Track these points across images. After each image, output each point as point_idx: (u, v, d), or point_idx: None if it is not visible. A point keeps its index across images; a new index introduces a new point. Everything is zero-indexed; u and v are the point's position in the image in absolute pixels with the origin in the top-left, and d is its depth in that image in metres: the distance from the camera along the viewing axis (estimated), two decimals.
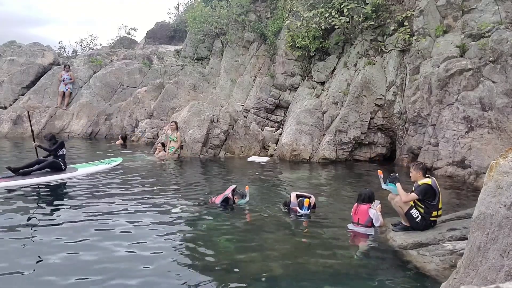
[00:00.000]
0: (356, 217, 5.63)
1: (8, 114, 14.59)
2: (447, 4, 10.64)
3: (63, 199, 6.66)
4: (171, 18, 24.48)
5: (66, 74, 15.32)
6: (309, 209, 6.03)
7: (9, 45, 17.75)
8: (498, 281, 2.55)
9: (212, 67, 16.95)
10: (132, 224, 5.42)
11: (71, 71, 15.61)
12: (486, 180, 2.92)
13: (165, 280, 3.93)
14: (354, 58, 12.94)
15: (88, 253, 4.42)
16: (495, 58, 9.02)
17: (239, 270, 4.19)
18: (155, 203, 6.53)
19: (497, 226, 2.70)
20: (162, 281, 3.90)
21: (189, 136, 11.57)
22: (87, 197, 6.66)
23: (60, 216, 5.62)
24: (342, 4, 12.35)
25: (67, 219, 5.46)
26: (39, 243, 4.67)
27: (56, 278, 3.86)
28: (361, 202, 5.70)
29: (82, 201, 6.38)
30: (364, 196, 5.75)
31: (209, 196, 6.85)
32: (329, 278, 4.13)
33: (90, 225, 5.31)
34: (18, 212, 5.63)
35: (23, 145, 12.48)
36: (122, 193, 7.05)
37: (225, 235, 5.18)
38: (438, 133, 9.81)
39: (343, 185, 8.83)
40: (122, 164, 9.65)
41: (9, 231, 4.93)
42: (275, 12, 16.56)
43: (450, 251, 4.34)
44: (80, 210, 5.89)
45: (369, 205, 5.66)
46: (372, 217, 5.54)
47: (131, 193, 7.08)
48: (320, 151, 11.58)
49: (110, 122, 15.26)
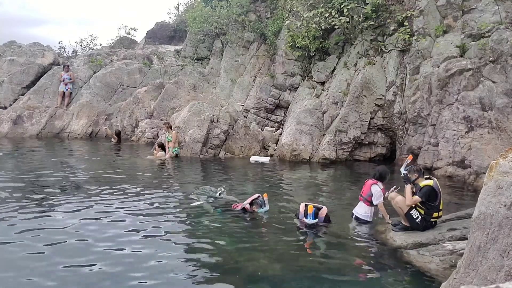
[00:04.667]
0: (362, 189, 5.90)
1: (8, 114, 14.58)
2: (447, 4, 10.64)
3: (66, 200, 6.65)
4: (171, 18, 24.48)
5: (66, 74, 15.32)
6: (315, 217, 5.52)
7: (9, 45, 17.74)
8: (498, 281, 2.55)
9: (212, 67, 16.95)
10: (131, 225, 5.42)
11: (71, 71, 15.61)
12: (486, 180, 2.92)
13: (165, 280, 3.92)
14: (354, 58, 12.94)
15: (86, 254, 4.42)
16: (495, 58, 9.02)
17: (240, 270, 4.19)
18: (154, 203, 6.53)
19: (497, 226, 2.70)
20: (161, 281, 3.90)
21: (189, 136, 11.56)
22: (85, 197, 6.66)
23: (60, 216, 5.62)
24: (342, 4, 12.35)
25: (68, 219, 5.46)
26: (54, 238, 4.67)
27: (57, 278, 3.87)
28: (371, 178, 5.88)
29: (81, 201, 6.37)
30: (375, 173, 5.89)
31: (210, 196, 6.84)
32: (329, 278, 4.13)
33: (88, 225, 5.30)
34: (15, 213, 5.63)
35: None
36: (121, 193, 7.04)
37: (226, 236, 5.17)
38: (438, 133, 9.81)
39: (343, 185, 8.82)
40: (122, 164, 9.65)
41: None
42: (275, 12, 16.56)
43: (450, 251, 4.34)
44: (78, 211, 5.89)
45: (376, 181, 5.76)
46: (372, 193, 5.65)
47: (130, 193, 7.07)
48: (320, 151, 11.58)
49: (110, 122, 15.25)
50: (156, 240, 4.92)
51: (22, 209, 5.76)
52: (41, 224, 5.22)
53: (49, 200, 6.35)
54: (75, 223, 5.31)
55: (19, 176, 8.02)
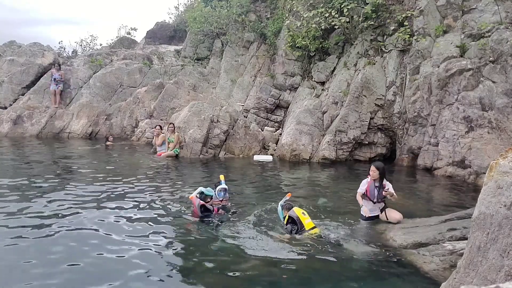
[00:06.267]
0: None
1: (8, 114, 14.58)
2: (447, 4, 10.64)
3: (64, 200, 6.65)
4: (171, 18, 24.51)
5: (57, 73, 15.34)
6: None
7: (9, 45, 17.75)
8: (498, 281, 2.55)
9: (212, 67, 16.95)
10: (130, 225, 5.42)
11: (61, 70, 15.66)
12: (486, 180, 2.91)
13: (161, 283, 3.92)
14: (354, 58, 12.95)
15: (84, 254, 4.42)
16: (495, 58, 9.02)
17: (238, 272, 4.18)
18: (152, 203, 6.53)
19: (497, 226, 2.70)
20: (157, 284, 3.90)
21: (189, 136, 11.56)
22: (82, 199, 6.66)
23: (61, 217, 5.62)
24: (342, 4, 12.36)
25: (68, 219, 5.46)
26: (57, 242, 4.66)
27: (56, 277, 3.87)
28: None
29: (79, 202, 6.37)
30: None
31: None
32: (328, 278, 4.13)
33: (85, 224, 5.30)
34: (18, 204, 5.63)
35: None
36: (120, 193, 7.04)
37: (224, 237, 5.17)
38: (438, 133, 9.81)
39: (343, 185, 8.82)
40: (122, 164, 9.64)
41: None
42: (275, 12, 16.57)
43: (450, 251, 4.34)
44: (76, 211, 5.89)
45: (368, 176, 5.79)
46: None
47: (129, 192, 7.07)
48: (320, 151, 11.58)
49: (110, 122, 15.26)
50: (149, 241, 4.91)
51: (14, 208, 5.76)
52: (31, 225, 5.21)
53: (45, 193, 6.35)
54: (71, 223, 5.31)
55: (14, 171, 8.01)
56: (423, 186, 8.91)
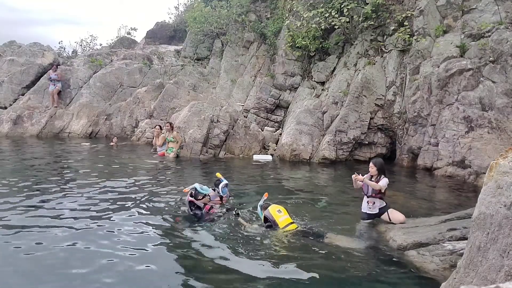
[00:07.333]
0: None
1: (8, 114, 14.59)
2: (447, 4, 10.64)
3: (64, 200, 6.65)
4: (171, 18, 24.51)
5: (53, 74, 15.35)
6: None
7: (9, 45, 17.76)
8: (498, 281, 2.55)
9: (212, 67, 16.95)
10: (130, 225, 5.42)
11: (58, 70, 15.70)
12: (486, 180, 2.91)
13: (158, 283, 3.92)
14: (354, 58, 12.95)
15: (82, 255, 4.42)
16: (495, 58, 9.02)
17: (237, 272, 4.18)
18: (152, 203, 6.52)
19: (497, 226, 2.70)
20: (156, 284, 3.90)
21: (189, 136, 11.56)
22: (82, 199, 6.66)
23: (60, 217, 5.62)
24: (342, 4, 12.36)
25: (68, 219, 5.46)
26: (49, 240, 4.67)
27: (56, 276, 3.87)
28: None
29: (78, 202, 6.37)
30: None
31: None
32: (328, 278, 4.12)
33: (84, 225, 5.30)
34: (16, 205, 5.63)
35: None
36: (120, 193, 7.04)
37: (222, 236, 5.17)
38: (438, 133, 9.81)
39: (343, 185, 8.81)
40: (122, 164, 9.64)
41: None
42: (275, 12, 16.57)
43: (450, 251, 4.34)
44: (76, 211, 5.89)
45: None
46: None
47: (129, 192, 7.07)
48: (320, 151, 11.58)
49: (110, 122, 15.26)
50: (148, 241, 4.92)
51: (14, 207, 5.76)
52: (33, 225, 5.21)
53: (46, 196, 6.35)
54: (71, 224, 5.31)
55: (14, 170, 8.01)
56: (423, 186, 8.90)
